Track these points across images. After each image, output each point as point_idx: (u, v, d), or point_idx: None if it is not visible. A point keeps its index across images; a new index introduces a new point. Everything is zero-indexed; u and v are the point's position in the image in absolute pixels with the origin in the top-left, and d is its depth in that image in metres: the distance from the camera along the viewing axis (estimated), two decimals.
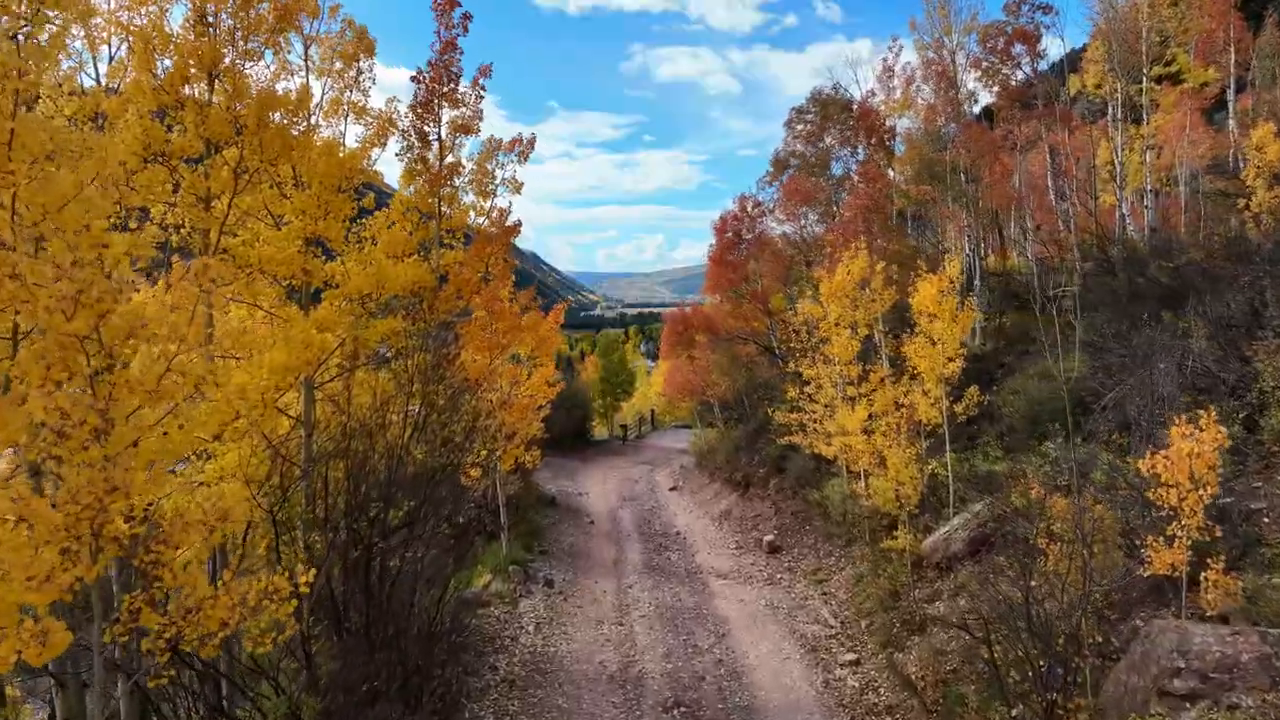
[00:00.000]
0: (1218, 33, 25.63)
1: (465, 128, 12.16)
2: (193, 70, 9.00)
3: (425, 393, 9.39)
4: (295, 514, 9.13)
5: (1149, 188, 25.17)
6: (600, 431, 44.34)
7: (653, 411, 48.81)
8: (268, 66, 9.70)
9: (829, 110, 25.20)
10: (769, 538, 18.39)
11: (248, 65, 8.98)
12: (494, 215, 12.54)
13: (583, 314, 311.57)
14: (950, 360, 13.07)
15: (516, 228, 12.92)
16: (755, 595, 14.99)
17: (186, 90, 8.99)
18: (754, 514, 21.20)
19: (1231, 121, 28.26)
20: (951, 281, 12.82)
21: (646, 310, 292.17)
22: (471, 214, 12.38)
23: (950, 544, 12.67)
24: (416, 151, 11.85)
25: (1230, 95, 27.36)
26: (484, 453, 12.34)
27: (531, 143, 12.85)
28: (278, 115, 9.00)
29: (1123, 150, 23.88)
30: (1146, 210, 25.27)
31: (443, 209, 11.95)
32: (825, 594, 14.66)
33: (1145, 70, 24.27)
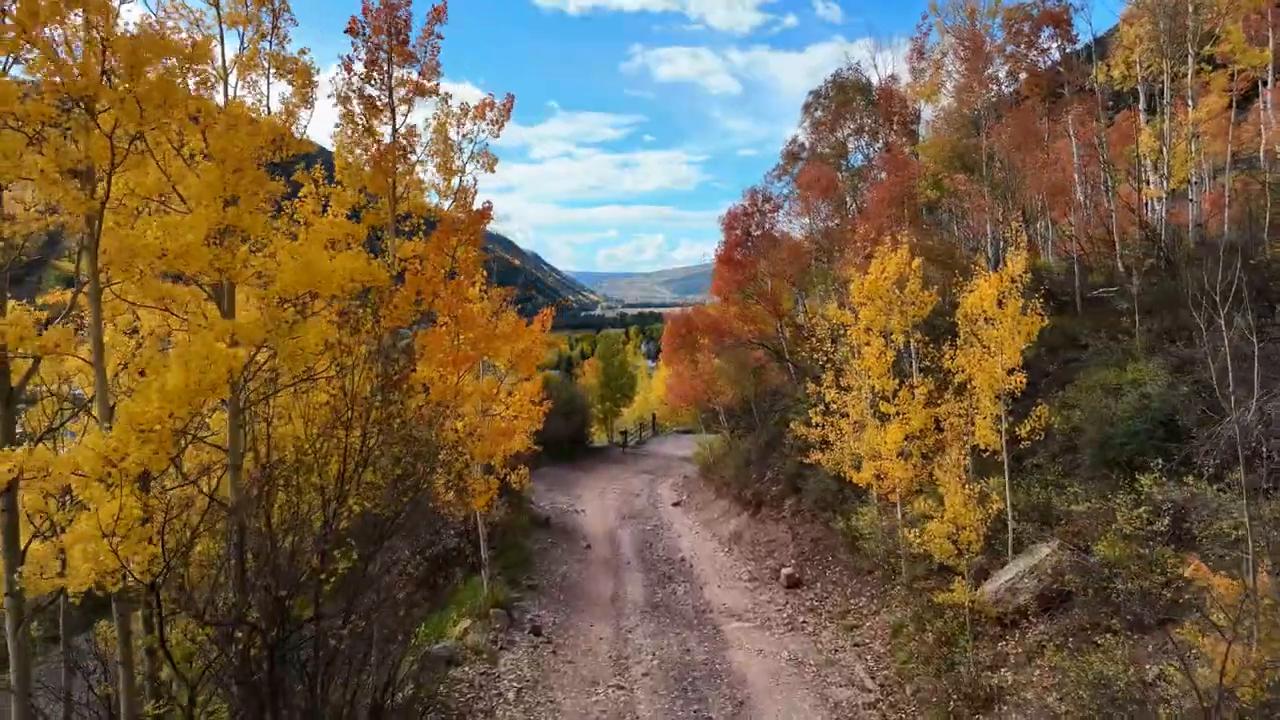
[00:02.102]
0: (1252, 15, 23.83)
1: (420, 87, 9.93)
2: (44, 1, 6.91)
3: (367, 425, 7.29)
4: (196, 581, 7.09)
5: (1194, 180, 23.06)
6: (599, 437, 42.23)
7: (654, 415, 46.71)
8: (163, 8, 7.67)
9: (848, 94, 23.04)
10: (787, 569, 16.27)
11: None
12: (458, 194, 10.22)
13: (583, 314, 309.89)
14: (1010, 373, 10.98)
15: (487, 211, 10.61)
16: (776, 645, 12.89)
17: (47, 32, 6.96)
18: (768, 538, 19.09)
19: (1268, 110, 26.25)
20: (1014, 281, 10.72)
21: (647, 310, 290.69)
22: (434, 195, 10.14)
23: (1016, 594, 10.56)
24: (363, 121, 9.66)
25: (1269, 79, 25.44)
26: (450, 494, 10.22)
27: (508, 107, 10.45)
28: (170, 63, 6.93)
29: (1170, 138, 21.75)
30: (1191, 204, 23.15)
31: (397, 190, 9.73)
32: (858, 645, 12.55)
33: (1193, 49, 22.15)
